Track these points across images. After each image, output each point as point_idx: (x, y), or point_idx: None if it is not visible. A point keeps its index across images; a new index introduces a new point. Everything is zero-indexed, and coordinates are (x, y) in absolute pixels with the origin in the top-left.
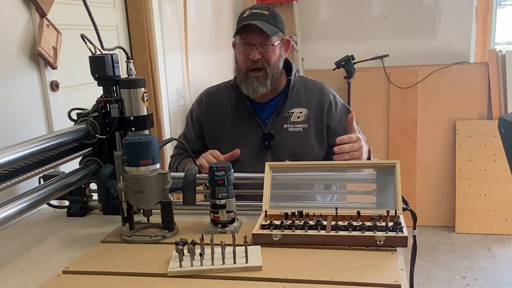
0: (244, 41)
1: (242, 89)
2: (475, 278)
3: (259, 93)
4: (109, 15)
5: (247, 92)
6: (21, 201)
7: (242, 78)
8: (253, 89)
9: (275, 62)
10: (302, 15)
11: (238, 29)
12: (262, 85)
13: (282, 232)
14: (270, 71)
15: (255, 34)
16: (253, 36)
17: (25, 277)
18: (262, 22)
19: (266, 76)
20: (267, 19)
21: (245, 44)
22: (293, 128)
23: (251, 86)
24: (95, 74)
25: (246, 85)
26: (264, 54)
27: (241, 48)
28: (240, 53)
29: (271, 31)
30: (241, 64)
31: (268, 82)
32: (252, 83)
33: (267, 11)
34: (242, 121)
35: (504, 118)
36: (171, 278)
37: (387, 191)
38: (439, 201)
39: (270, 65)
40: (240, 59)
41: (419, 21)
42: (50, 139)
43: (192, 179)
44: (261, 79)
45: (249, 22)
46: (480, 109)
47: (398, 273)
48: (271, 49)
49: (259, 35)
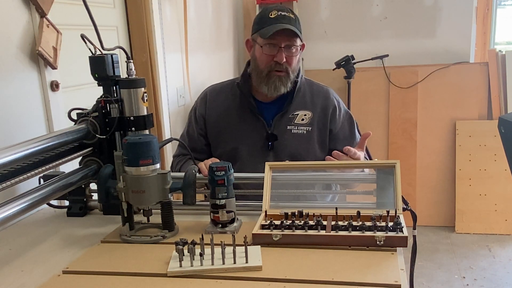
0: (272, 42)
1: (263, 89)
2: (475, 278)
3: (280, 92)
4: (109, 15)
5: (267, 91)
6: (21, 201)
7: (263, 77)
8: (275, 88)
9: (295, 66)
10: (302, 15)
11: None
12: (283, 85)
13: (282, 232)
14: (291, 74)
15: (284, 37)
16: (282, 38)
17: (25, 277)
18: (292, 26)
19: (288, 77)
20: (295, 23)
21: (273, 45)
22: (296, 130)
23: (273, 85)
24: (95, 74)
25: (268, 84)
26: (288, 58)
27: (267, 49)
28: (266, 53)
29: (300, 37)
30: (262, 64)
31: (289, 83)
32: (274, 82)
33: (293, 15)
34: (246, 120)
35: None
36: (171, 278)
37: (387, 191)
38: (439, 201)
39: (291, 68)
40: (263, 59)
41: (419, 21)
42: (50, 139)
43: (192, 179)
44: (283, 79)
45: (285, 27)
46: (480, 109)
47: (398, 273)
48: (295, 52)
49: (288, 38)
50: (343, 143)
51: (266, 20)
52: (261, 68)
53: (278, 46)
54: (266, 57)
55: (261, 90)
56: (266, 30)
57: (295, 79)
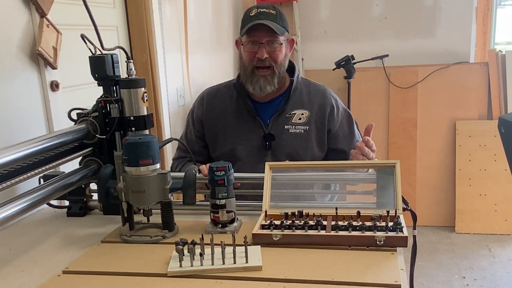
0: (251, 39)
1: (248, 87)
2: (475, 278)
3: (266, 91)
4: (109, 15)
5: (253, 90)
6: (21, 201)
7: (248, 76)
8: (260, 88)
9: (281, 61)
10: (302, 15)
11: (245, 27)
12: (269, 84)
13: (282, 232)
14: (277, 70)
15: (263, 32)
16: (261, 34)
17: (25, 277)
18: (270, 21)
19: (273, 74)
20: (274, 19)
21: (253, 42)
22: (294, 130)
23: (258, 85)
24: (95, 74)
25: (252, 84)
26: (271, 53)
27: (248, 46)
28: (247, 51)
29: (279, 31)
30: (247, 62)
31: (275, 80)
32: (258, 82)
33: (274, 11)
34: (243, 120)
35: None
36: (171, 278)
37: (387, 191)
38: (439, 201)
39: (277, 64)
40: (246, 57)
41: (419, 21)
42: (50, 139)
43: (192, 179)
44: (268, 78)
45: (259, 22)
46: (480, 109)
47: (398, 273)
48: (278, 48)
49: (267, 34)
50: (343, 141)
51: (247, 18)
52: (246, 66)
53: (259, 42)
54: (248, 54)
55: (249, 90)
56: (245, 28)
57: (291, 79)
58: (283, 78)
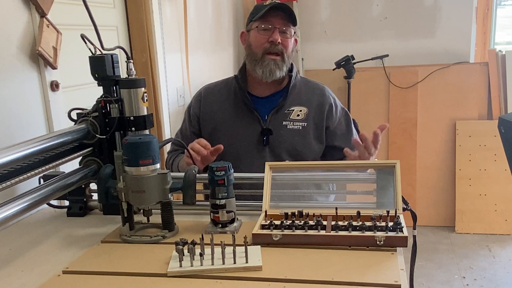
0: (266, 23)
1: (257, 72)
2: (475, 278)
3: (275, 76)
4: (109, 15)
5: (261, 74)
6: (21, 201)
7: (258, 60)
8: (270, 71)
9: (290, 52)
10: (302, 15)
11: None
12: (279, 68)
13: (282, 232)
14: (286, 59)
15: (278, 19)
16: (276, 20)
17: (25, 277)
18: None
19: (283, 60)
20: (289, 9)
21: (268, 28)
22: (292, 126)
23: (268, 68)
24: (95, 74)
25: (262, 67)
26: (283, 41)
27: (261, 31)
28: (261, 35)
29: (293, 21)
30: (258, 47)
31: (284, 68)
32: (269, 65)
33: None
34: (240, 115)
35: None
36: (171, 278)
37: (387, 191)
38: (439, 201)
39: (287, 53)
40: (257, 42)
41: (419, 21)
42: (50, 139)
43: (192, 179)
44: (278, 62)
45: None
46: (480, 109)
47: (398, 273)
48: (290, 37)
49: (282, 21)
50: (341, 139)
51: (262, 7)
52: (255, 51)
53: (273, 27)
54: (261, 38)
55: (256, 75)
56: (262, 12)
57: (290, 74)
58: (288, 72)
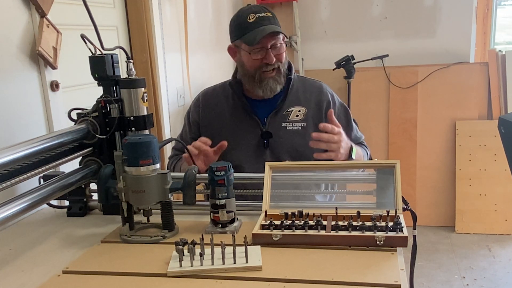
0: (259, 46)
1: (258, 92)
2: (475, 278)
3: (276, 91)
4: (109, 15)
5: (262, 93)
6: (21, 201)
7: (257, 82)
8: (270, 90)
9: (285, 60)
10: (302, 15)
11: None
12: (278, 83)
13: (282, 232)
14: (282, 68)
15: (268, 38)
16: (266, 40)
17: (25, 277)
18: (274, 26)
19: (279, 73)
20: (274, 21)
21: (260, 48)
22: (291, 127)
23: (268, 87)
24: (95, 74)
25: (262, 87)
26: (277, 56)
27: (256, 53)
28: (254, 58)
29: (279, 28)
30: (252, 68)
31: (282, 78)
32: (268, 84)
33: (269, 13)
34: (239, 119)
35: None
36: (171, 278)
37: (387, 191)
38: (439, 201)
39: (282, 63)
40: (251, 64)
41: (419, 21)
42: (50, 139)
43: (192, 179)
44: (276, 78)
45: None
46: (480, 109)
47: (398, 273)
48: (281, 49)
49: (271, 38)
50: None
51: (247, 25)
52: (251, 73)
53: (265, 48)
54: (255, 61)
55: (257, 94)
56: (251, 37)
57: (289, 76)
58: (286, 77)
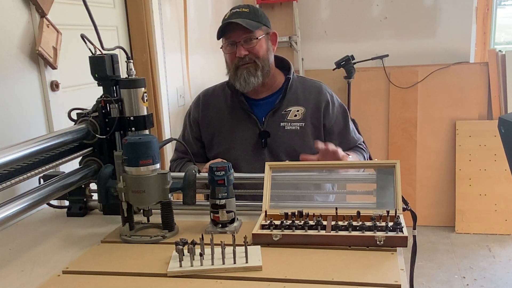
0: (229, 40)
1: (236, 85)
2: (475, 278)
3: (252, 84)
4: (109, 15)
5: (239, 86)
6: (21, 201)
7: (233, 75)
8: (245, 80)
9: (263, 55)
10: (302, 15)
11: (219, 30)
12: (252, 75)
13: (282, 232)
14: (260, 63)
15: (238, 31)
16: (236, 34)
17: (25, 277)
18: (242, 19)
19: (256, 67)
20: (247, 16)
21: (231, 43)
22: (289, 127)
23: (242, 78)
24: (95, 74)
25: (237, 79)
26: (251, 50)
27: (228, 48)
28: (227, 53)
29: (252, 26)
30: (229, 63)
31: (259, 73)
32: (242, 75)
33: (247, 9)
34: (238, 119)
35: (504, 118)
36: (171, 278)
37: (387, 191)
38: (439, 201)
39: (260, 59)
40: (228, 59)
41: (419, 21)
42: (50, 139)
43: (192, 179)
44: (250, 69)
45: (229, 21)
46: (480, 109)
47: (398, 273)
48: (256, 43)
49: (242, 32)
50: (338, 137)
51: (223, 21)
52: (230, 67)
53: (236, 42)
54: (229, 56)
55: (236, 87)
56: (219, 30)
57: (287, 76)
58: (268, 73)
